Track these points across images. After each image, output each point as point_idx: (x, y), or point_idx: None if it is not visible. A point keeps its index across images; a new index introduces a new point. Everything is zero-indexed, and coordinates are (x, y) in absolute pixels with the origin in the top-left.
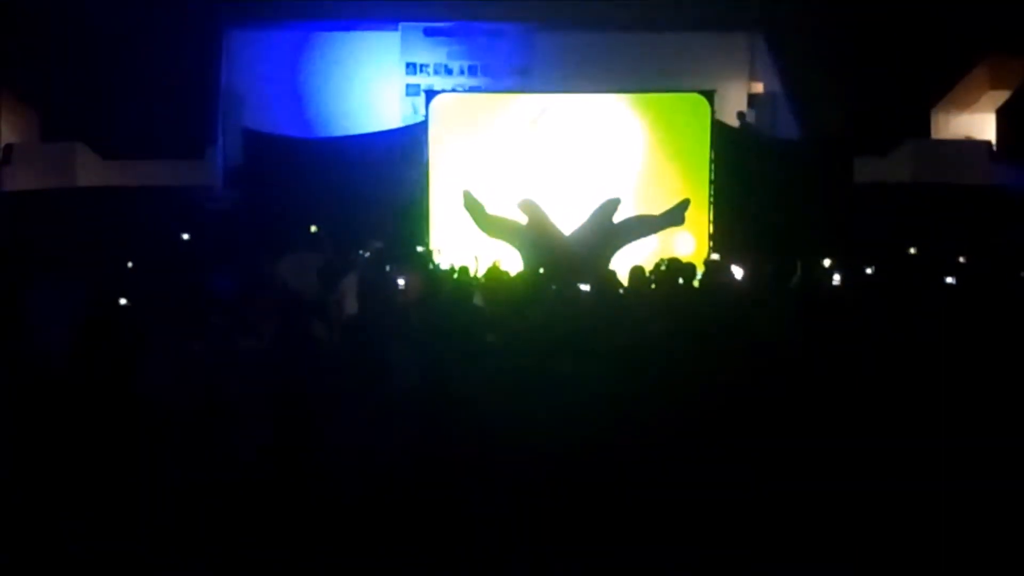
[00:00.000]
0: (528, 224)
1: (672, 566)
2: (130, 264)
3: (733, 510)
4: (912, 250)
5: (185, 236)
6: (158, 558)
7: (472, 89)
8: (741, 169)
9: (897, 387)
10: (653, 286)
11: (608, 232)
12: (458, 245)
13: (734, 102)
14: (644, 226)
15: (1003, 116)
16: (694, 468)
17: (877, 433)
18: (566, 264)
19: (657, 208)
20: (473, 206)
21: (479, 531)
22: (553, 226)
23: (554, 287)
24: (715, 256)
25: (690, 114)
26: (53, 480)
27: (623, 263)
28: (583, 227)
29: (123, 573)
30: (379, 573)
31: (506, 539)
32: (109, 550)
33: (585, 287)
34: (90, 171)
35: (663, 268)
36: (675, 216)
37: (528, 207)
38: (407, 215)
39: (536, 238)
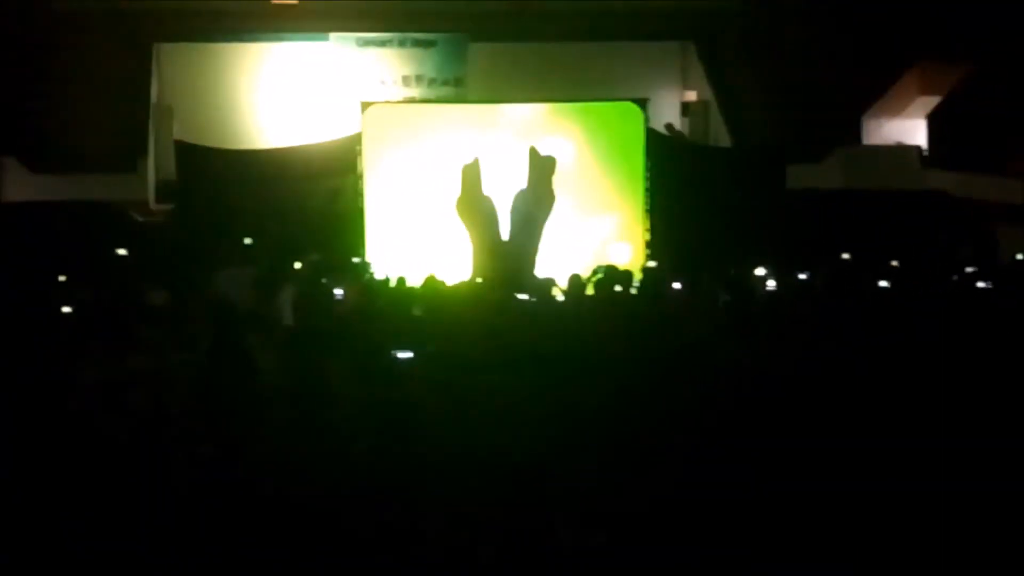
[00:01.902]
0: (490, 222)
1: (672, 566)
2: (62, 279)
3: (731, 510)
4: (845, 255)
5: (118, 250)
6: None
7: (406, 99)
8: (676, 177)
9: (831, 389)
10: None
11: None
12: (394, 255)
13: (667, 110)
14: (542, 197)
15: (933, 121)
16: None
17: (804, 436)
18: (507, 272)
19: (590, 216)
20: (471, 175)
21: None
22: (498, 232)
23: (493, 296)
24: (652, 263)
25: (624, 123)
26: None
27: (561, 271)
28: (513, 228)
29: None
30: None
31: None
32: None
33: (523, 296)
34: (19, 185)
35: (600, 276)
36: (543, 164)
37: (487, 203)
38: (342, 226)
39: (488, 242)
